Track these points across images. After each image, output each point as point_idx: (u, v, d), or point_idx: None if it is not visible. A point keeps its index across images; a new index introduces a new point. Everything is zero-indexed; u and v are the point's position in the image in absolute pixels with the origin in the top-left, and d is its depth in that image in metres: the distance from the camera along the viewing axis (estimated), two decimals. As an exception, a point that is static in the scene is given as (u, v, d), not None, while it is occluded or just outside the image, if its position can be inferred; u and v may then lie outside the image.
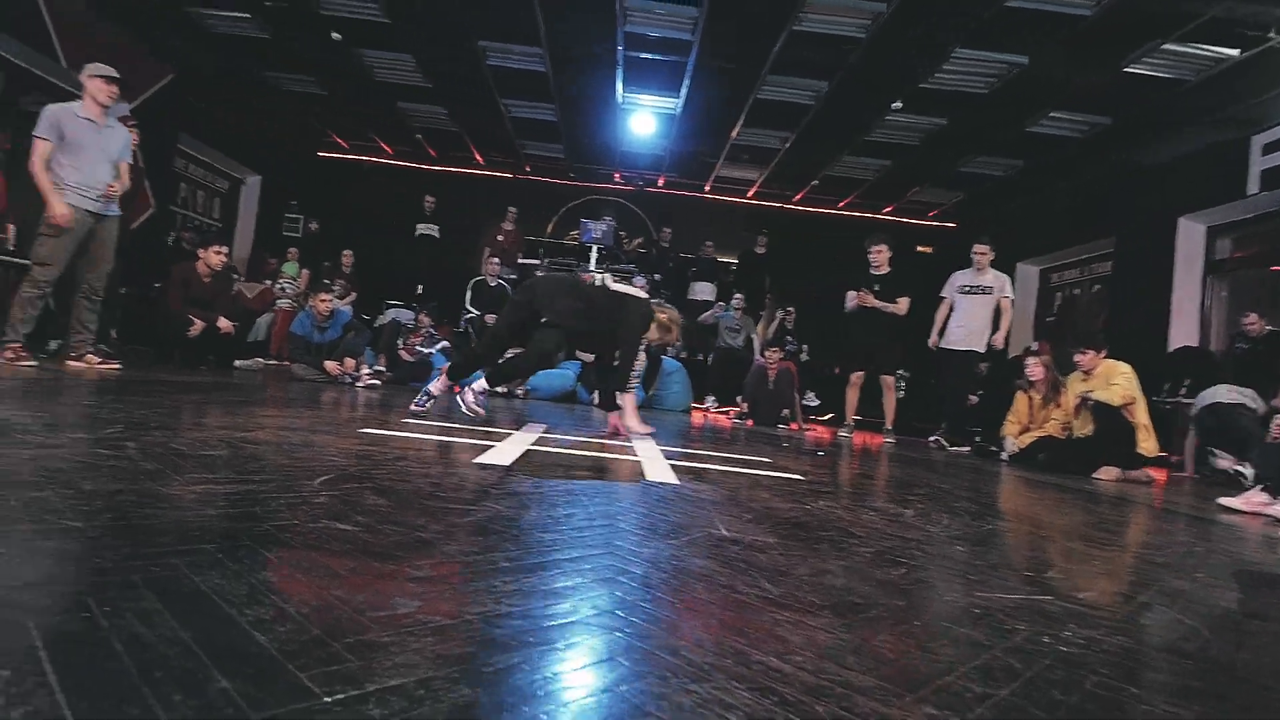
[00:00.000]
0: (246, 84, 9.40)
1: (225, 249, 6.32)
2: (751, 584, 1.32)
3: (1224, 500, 3.60)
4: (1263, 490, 3.49)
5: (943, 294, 6.78)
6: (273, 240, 10.82)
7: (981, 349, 6.52)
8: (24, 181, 4.86)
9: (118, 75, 4.74)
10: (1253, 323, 6.51)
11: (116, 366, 4.86)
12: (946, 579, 1.58)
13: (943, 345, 6.70)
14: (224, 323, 6.15)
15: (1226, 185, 7.02)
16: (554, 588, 1.17)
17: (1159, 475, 5.41)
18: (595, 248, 9.83)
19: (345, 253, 9.21)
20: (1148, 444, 4.97)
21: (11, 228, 6.15)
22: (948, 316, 6.70)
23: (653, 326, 3.98)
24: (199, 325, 5.96)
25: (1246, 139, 6.81)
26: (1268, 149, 6.61)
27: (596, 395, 7.29)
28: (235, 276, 8.63)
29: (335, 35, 7.60)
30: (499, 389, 7.31)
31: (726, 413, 8.38)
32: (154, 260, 7.70)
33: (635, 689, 0.82)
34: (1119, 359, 5.30)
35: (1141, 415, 5.03)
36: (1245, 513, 3.43)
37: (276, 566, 1.11)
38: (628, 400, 4.04)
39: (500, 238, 9.99)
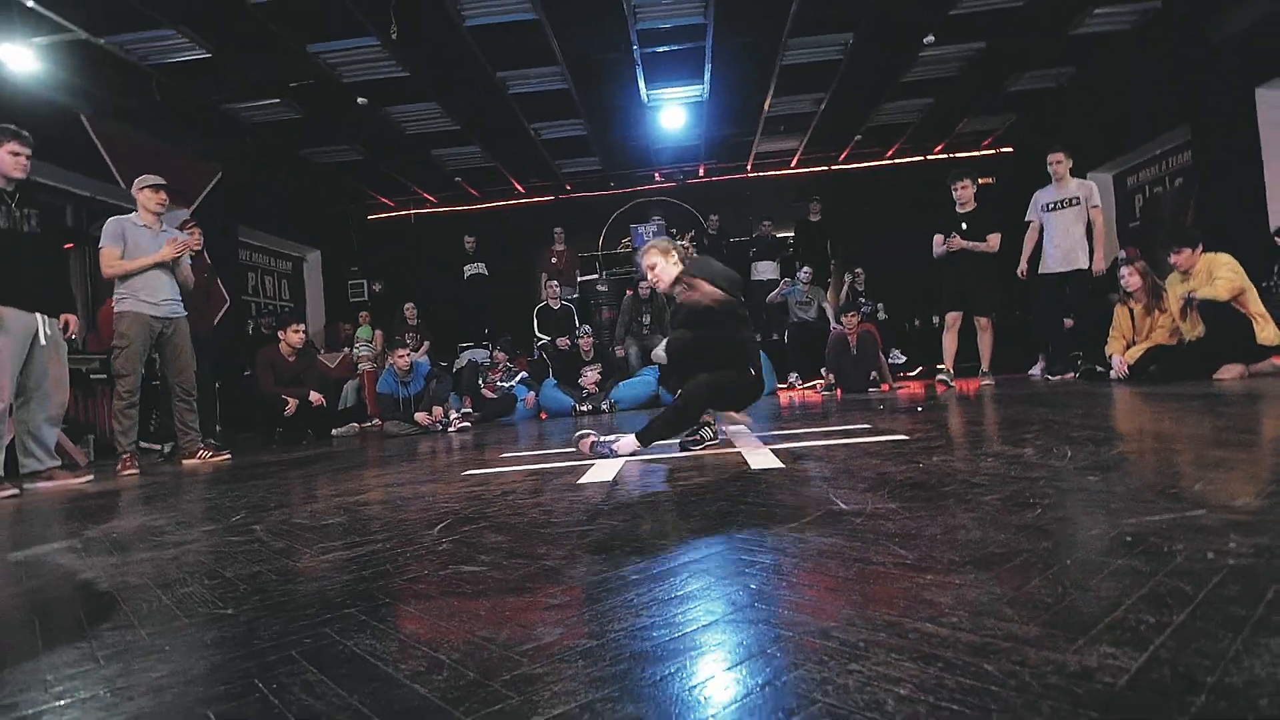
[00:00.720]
0: (289, 164, 9.86)
1: (302, 326, 6.63)
2: (885, 553, 1.29)
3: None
4: None
5: (1028, 218, 6.44)
6: (342, 308, 11.31)
7: (1085, 266, 6.16)
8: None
9: (164, 182, 5.03)
10: None
11: (227, 457, 5.16)
12: (1086, 511, 1.50)
13: (1041, 271, 6.38)
14: (315, 396, 6.44)
15: (1304, 41, 6.47)
16: (687, 591, 1.17)
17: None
18: (649, 250, 9.84)
19: (406, 306, 9.50)
20: (1266, 332, 4.60)
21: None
22: (1038, 241, 6.36)
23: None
24: (293, 403, 6.27)
25: (1318, -13, 6.27)
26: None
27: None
28: (316, 350, 9.05)
29: (361, 100, 7.88)
30: (594, 407, 7.41)
31: (813, 387, 8.24)
32: (239, 350, 8.16)
33: (795, 678, 0.81)
34: (1217, 251, 4.94)
35: (1254, 304, 4.67)
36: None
37: (419, 618, 1.15)
38: None
39: (554, 260, 10.12)
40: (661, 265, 3.27)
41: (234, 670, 1.00)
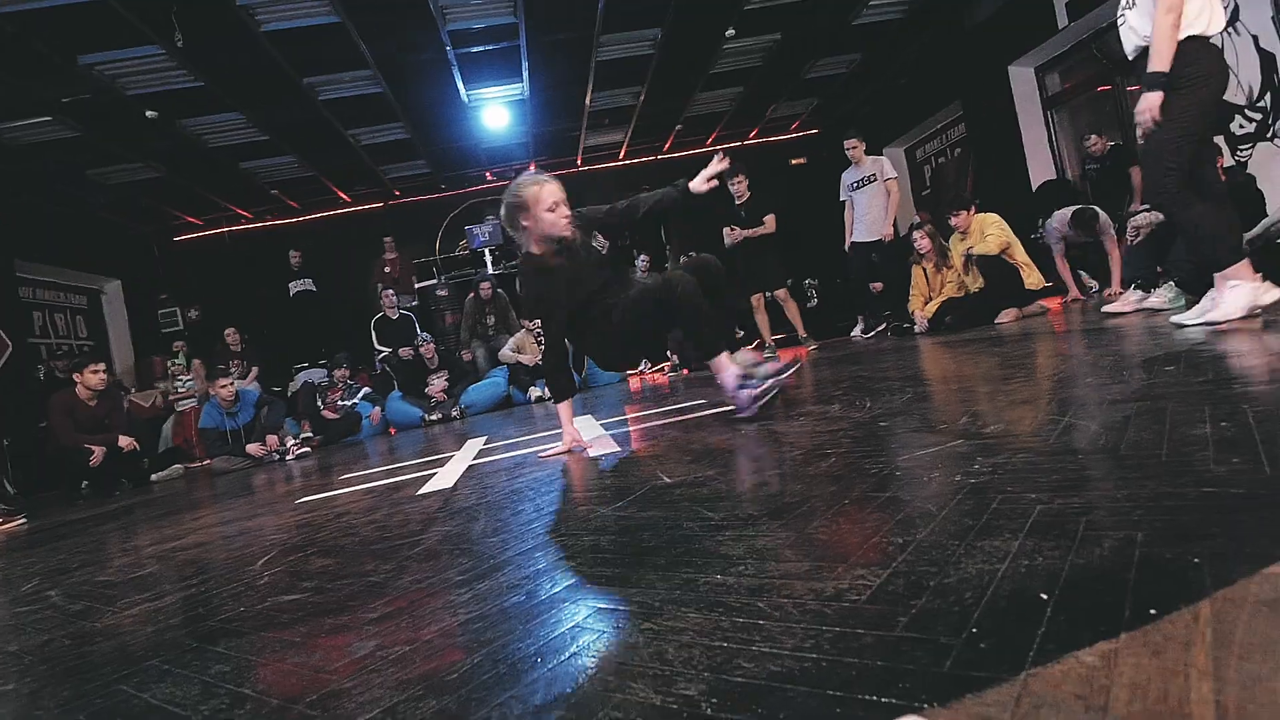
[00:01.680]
0: (72, 188, 8.79)
1: (101, 365, 5.97)
2: (694, 518, 1.38)
3: (1107, 308, 3.90)
4: (1136, 289, 3.79)
5: (841, 198, 7.03)
6: (154, 340, 10.26)
7: (885, 236, 6.77)
8: None
9: None
10: (1095, 144, 6.94)
11: (22, 521, 4.58)
12: (871, 455, 1.68)
13: (853, 241, 6.98)
14: (124, 440, 5.84)
15: (1040, 25, 7.41)
16: (510, 583, 1.21)
17: (1052, 304, 5.77)
18: (487, 250, 9.71)
19: (228, 331, 8.79)
20: (1032, 278, 5.30)
21: None
22: (853, 217, 6.96)
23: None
24: (99, 451, 5.65)
25: (1044, -24, 7.20)
26: (1066, -19, 7.02)
27: (535, 392, 7.32)
28: (124, 391, 8.17)
29: (150, 113, 7.17)
30: (444, 415, 7.22)
31: (661, 370, 8.49)
32: (30, 401, 7.23)
33: (596, 645, 0.87)
34: (991, 211, 5.60)
35: (1020, 255, 5.36)
36: (1127, 313, 3.72)
37: (227, 657, 1.11)
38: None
39: (386, 269, 9.73)
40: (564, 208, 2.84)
41: (13, 747, 0.93)
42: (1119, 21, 3.09)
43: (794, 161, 11.87)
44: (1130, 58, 3.07)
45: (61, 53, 5.91)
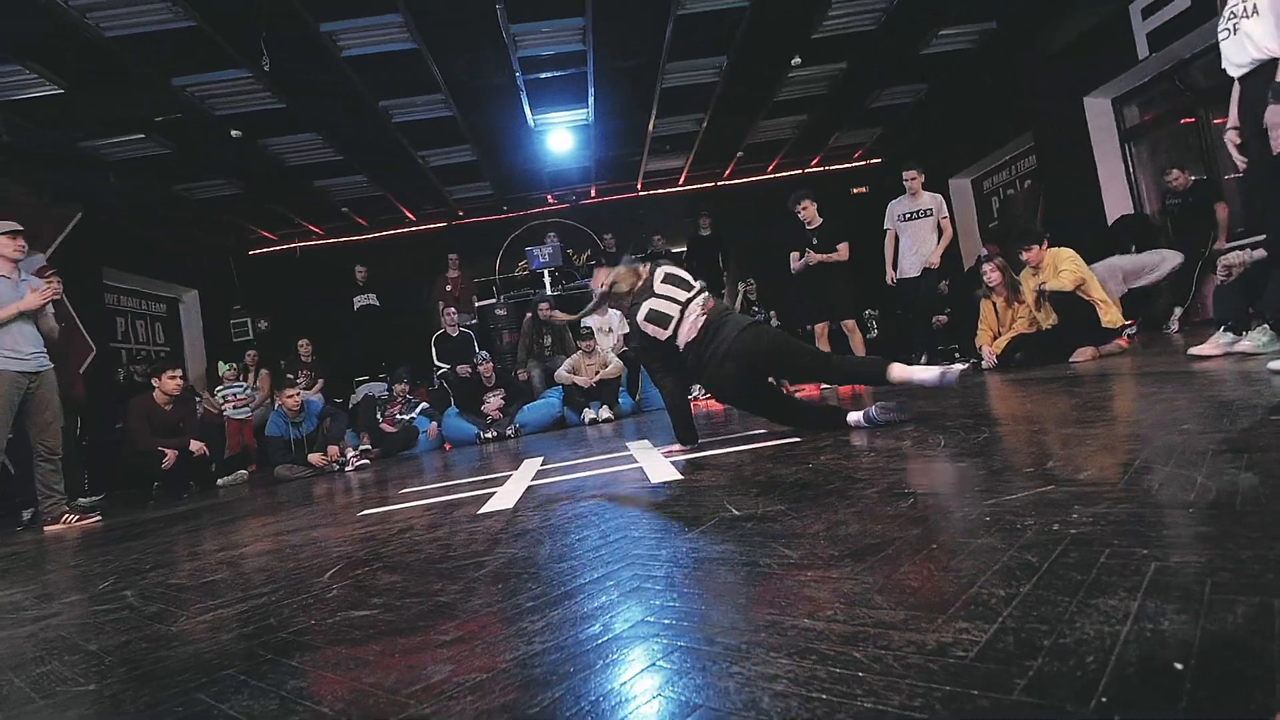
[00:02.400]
0: (159, 202, 9.27)
1: (178, 371, 6.22)
2: (770, 554, 1.34)
3: (1193, 350, 3.69)
4: (1225, 331, 3.59)
5: (885, 226, 6.89)
6: (226, 349, 10.67)
7: (930, 264, 6.62)
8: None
9: (21, 228, 4.67)
10: (1176, 178, 6.69)
11: (97, 518, 4.77)
12: (953, 496, 1.61)
13: (900, 277, 6.82)
14: (195, 445, 6.05)
15: (1119, 56, 7.20)
16: (583, 612, 1.18)
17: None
18: (546, 272, 9.84)
19: (301, 342, 9.09)
20: (1109, 316, 5.08)
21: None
22: (896, 247, 6.82)
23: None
24: (171, 454, 5.86)
25: (1125, 9, 6.99)
26: (1146, 12, 6.78)
27: (589, 414, 7.33)
28: (197, 397, 8.49)
29: (235, 133, 7.52)
30: (499, 434, 7.28)
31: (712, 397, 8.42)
32: (109, 403, 7.56)
33: (680, 687, 0.84)
34: (1063, 245, 5.41)
35: (1096, 291, 5.14)
36: (1215, 356, 3.53)
37: (302, 672, 1.11)
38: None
39: (449, 287, 9.94)
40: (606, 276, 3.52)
41: (97, 750, 0.93)
42: (1223, 35, 2.90)
43: (855, 190, 11.75)
44: (1238, 73, 2.89)
45: (158, 74, 6.25)
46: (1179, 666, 0.70)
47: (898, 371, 3.13)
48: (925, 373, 3.10)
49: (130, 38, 5.66)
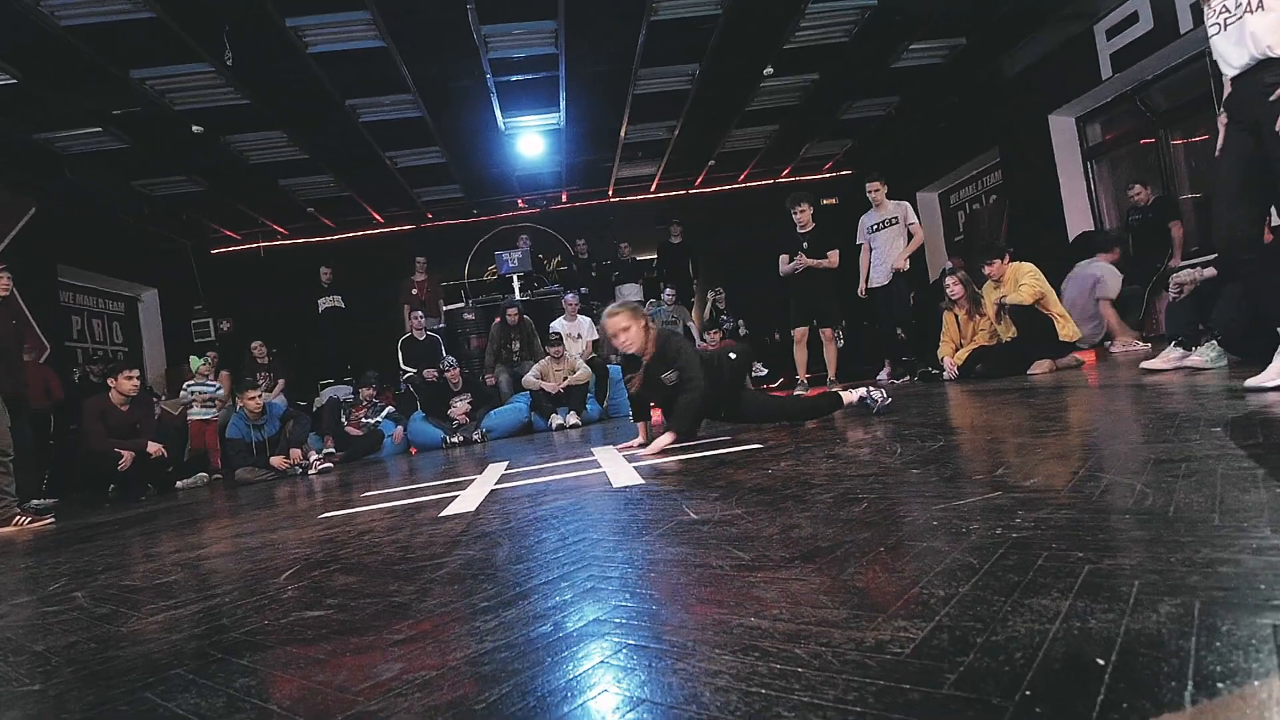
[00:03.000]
0: (117, 198, 9.06)
1: (135, 372, 6.07)
2: (724, 556, 1.36)
3: (1145, 364, 3.81)
4: (1176, 345, 3.71)
5: (858, 241, 6.97)
6: (186, 350, 10.43)
7: (898, 267, 6.71)
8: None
9: None
10: (1138, 193, 6.90)
11: (50, 521, 4.64)
12: (904, 502, 1.65)
13: (870, 287, 6.90)
14: (153, 446, 5.91)
15: (1083, 75, 7.42)
16: (536, 612, 1.19)
17: (1087, 357, 5.68)
18: (515, 276, 9.80)
19: (255, 344, 8.89)
20: (1066, 330, 5.23)
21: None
22: (870, 261, 6.91)
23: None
24: (128, 456, 5.72)
25: (1090, 30, 7.21)
26: (1110, 33, 7.01)
27: (556, 419, 7.31)
28: (155, 397, 8.29)
29: (196, 128, 7.38)
30: (465, 438, 7.23)
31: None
32: (65, 403, 7.36)
33: (626, 683, 0.85)
34: (1024, 259, 5.55)
35: (1055, 306, 5.29)
36: (1166, 370, 3.64)
37: (252, 671, 1.10)
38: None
39: (414, 290, 9.84)
40: (635, 330, 3.56)
41: (36, 750, 0.92)
42: (1214, 30, 2.74)
43: (825, 202, 11.89)
44: (1232, 73, 2.74)
45: (116, 66, 6.12)
46: (1100, 662, 0.73)
47: (846, 397, 3.86)
48: (852, 394, 3.81)
49: (87, 27, 5.54)
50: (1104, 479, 1.57)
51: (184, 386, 7.93)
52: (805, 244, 6.49)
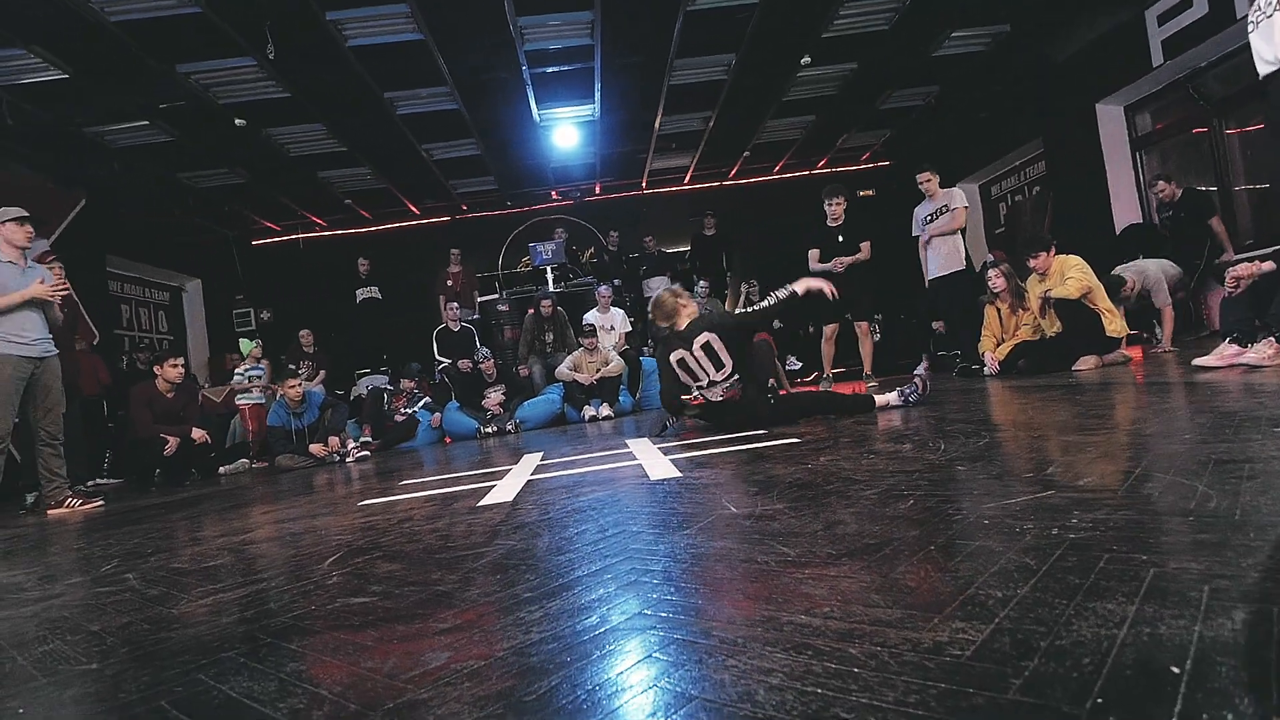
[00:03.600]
0: (162, 190, 9.27)
1: (180, 360, 6.23)
2: (769, 552, 1.34)
3: (1198, 361, 3.69)
4: (1231, 342, 3.59)
5: (914, 233, 6.83)
6: (228, 339, 10.69)
7: (962, 267, 6.56)
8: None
9: (27, 214, 4.67)
10: (1163, 190, 6.66)
11: (100, 504, 4.78)
12: (953, 499, 1.61)
13: (930, 278, 6.76)
14: (197, 433, 6.06)
15: (1132, 63, 7.18)
16: (580, 604, 1.18)
17: (1135, 353, 5.53)
18: (549, 269, 9.84)
19: (303, 332, 9.08)
20: (1114, 325, 5.08)
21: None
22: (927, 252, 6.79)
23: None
24: (173, 442, 5.87)
25: (1141, 15, 6.98)
26: (1162, 19, 6.77)
27: (589, 411, 7.34)
28: (199, 385, 8.50)
29: (239, 121, 7.51)
30: (499, 429, 7.30)
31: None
32: (114, 388, 7.58)
33: (676, 678, 0.84)
34: (1070, 252, 5.40)
35: (1102, 301, 5.14)
36: (1220, 368, 3.52)
37: (301, 655, 1.11)
38: None
39: (449, 281, 9.94)
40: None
41: (96, 729, 0.94)
42: (1251, 28, 2.70)
43: (862, 194, 11.73)
44: (1266, 70, 2.70)
45: (162, 61, 6.25)
46: (1175, 670, 0.70)
47: (880, 400, 3.97)
48: (890, 397, 3.95)
49: (135, 23, 5.65)
50: (1162, 479, 1.51)
51: (237, 370, 8.12)
52: (839, 237, 6.41)
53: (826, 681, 0.78)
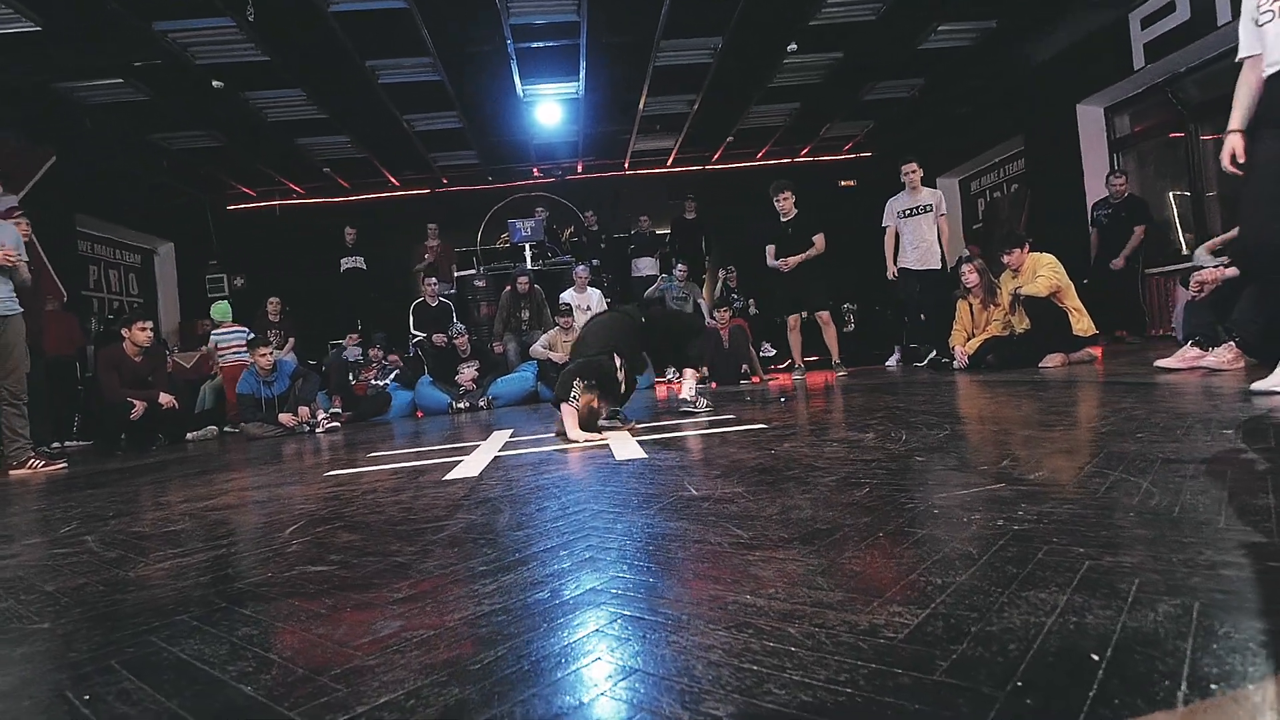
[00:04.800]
0: (135, 150, 9.06)
1: (149, 323, 6.13)
2: (723, 533, 1.37)
3: (1160, 362, 3.77)
4: (1193, 345, 3.67)
5: (884, 224, 6.90)
6: (200, 304, 10.51)
7: (938, 267, 6.66)
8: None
9: None
10: (1121, 183, 6.88)
11: (63, 466, 4.72)
12: (907, 489, 1.65)
13: (901, 266, 6.84)
14: (165, 398, 5.99)
15: (1114, 65, 7.26)
16: (534, 579, 1.20)
17: (1100, 352, 5.63)
18: (527, 246, 9.77)
19: (270, 300, 8.91)
20: (1081, 324, 5.17)
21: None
22: (896, 244, 6.84)
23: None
24: (140, 406, 5.79)
25: (1125, 17, 7.04)
26: (1145, 23, 6.84)
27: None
28: (168, 350, 8.36)
29: (216, 83, 7.35)
30: (471, 405, 7.28)
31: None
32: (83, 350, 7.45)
33: (620, 652, 0.86)
34: (1045, 250, 5.48)
35: (1071, 299, 5.23)
36: (1181, 369, 3.61)
37: (255, 620, 1.12)
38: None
39: (426, 255, 9.84)
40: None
41: (45, 684, 0.95)
42: (1267, 17, 2.65)
43: (843, 184, 11.77)
44: (1270, 71, 2.68)
45: (138, 17, 6.08)
46: (1095, 658, 0.73)
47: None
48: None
49: (113, -25, 5.50)
50: (1110, 475, 1.56)
51: (214, 333, 8.00)
52: (789, 229, 6.51)
53: (763, 660, 0.80)
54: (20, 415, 4.67)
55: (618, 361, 3.64)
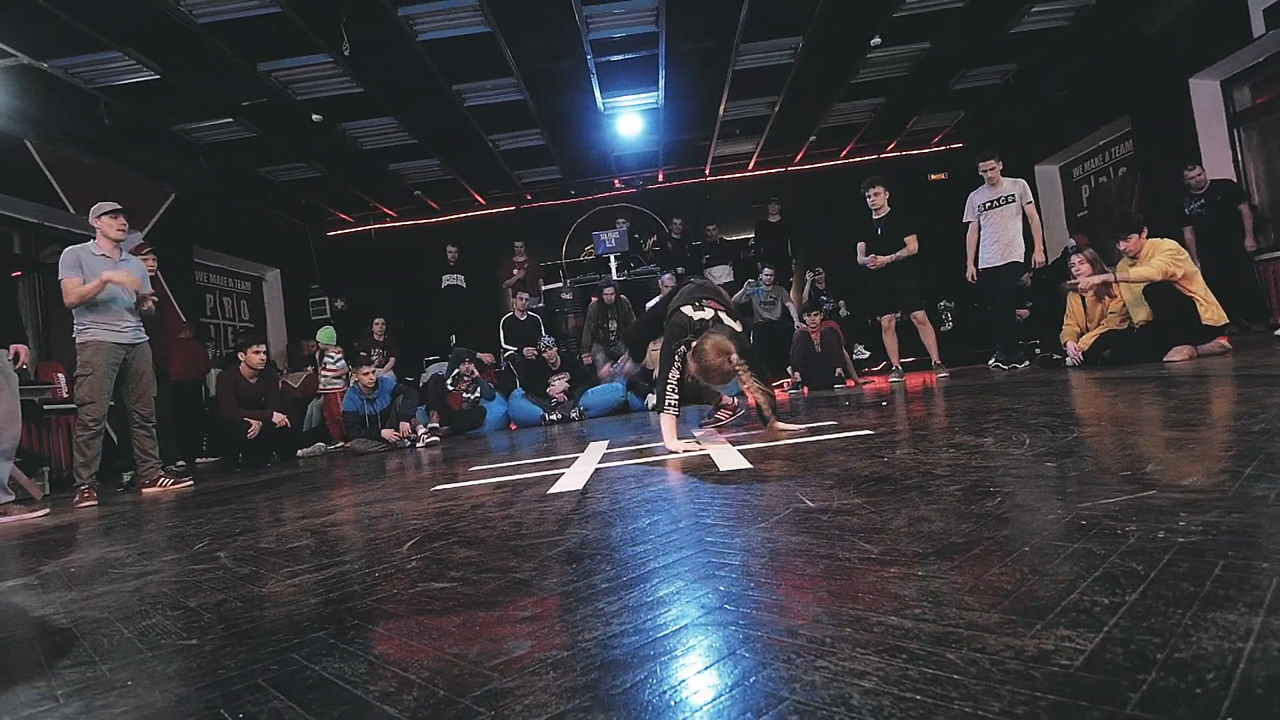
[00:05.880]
0: (244, 184, 9.69)
1: (262, 347, 6.51)
2: (850, 548, 1.31)
3: (1311, 352, 3.44)
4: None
5: (966, 219, 6.63)
6: (305, 327, 11.12)
7: (1020, 259, 6.36)
8: (66, 330, 5.07)
9: (122, 207, 4.93)
10: (1197, 174, 6.44)
11: (189, 484, 5.04)
12: (1044, 498, 1.54)
13: (981, 267, 6.56)
14: (278, 417, 6.33)
15: (1230, 34, 6.72)
16: (658, 597, 1.18)
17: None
18: (612, 256, 9.86)
19: (376, 321, 9.36)
20: (1209, 313, 4.77)
21: (60, 375, 6.45)
22: (978, 241, 6.56)
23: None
24: (256, 425, 6.15)
25: (1240, -21, 6.53)
26: (1265, -16, 6.33)
27: (652, 399, 7.35)
28: (278, 371, 8.87)
29: (315, 117, 7.78)
30: (563, 416, 7.39)
31: (780, 386, 8.32)
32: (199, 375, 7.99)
33: (764, 678, 0.82)
34: (1160, 236, 5.11)
35: (1196, 286, 4.83)
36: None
37: (387, 638, 1.14)
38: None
39: (515, 271, 10.08)
40: None
41: (199, 701, 0.98)
42: None
43: (933, 177, 11.35)
44: None
45: (245, 60, 6.50)
46: (1314, 690, 0.65)
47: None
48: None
49: (219, 24, 5.90)
50: (1276, 480, 1.41)
51: (328, 355, 8.48)
52: (879, 229, 6.32)
53: (924, 688, 0.75)
54: (150, 436, 5.02)
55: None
